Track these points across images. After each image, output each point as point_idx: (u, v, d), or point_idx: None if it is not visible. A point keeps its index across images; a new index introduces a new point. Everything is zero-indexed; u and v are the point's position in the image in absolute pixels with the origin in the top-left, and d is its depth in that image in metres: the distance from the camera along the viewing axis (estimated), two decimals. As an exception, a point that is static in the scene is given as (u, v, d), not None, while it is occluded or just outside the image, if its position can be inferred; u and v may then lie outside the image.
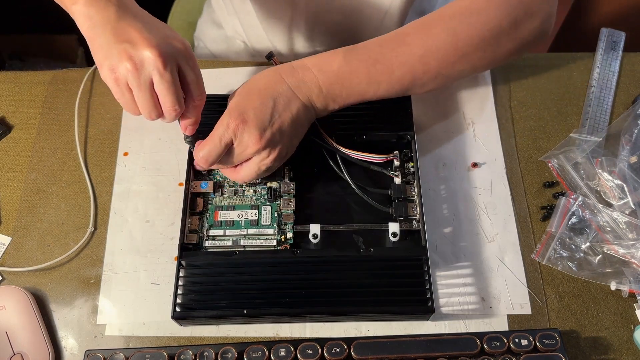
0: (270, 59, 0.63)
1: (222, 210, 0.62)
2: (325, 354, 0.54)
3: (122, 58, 0.49)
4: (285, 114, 0.56)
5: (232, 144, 0.55)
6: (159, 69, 0.49)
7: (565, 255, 0.61)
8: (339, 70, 0.57)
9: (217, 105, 0.66)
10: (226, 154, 0.56)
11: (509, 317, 0.58)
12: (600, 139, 0.67)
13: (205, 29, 0.91)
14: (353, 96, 0.58)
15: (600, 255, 0.61)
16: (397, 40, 0.58)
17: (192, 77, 0.52)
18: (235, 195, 0.63)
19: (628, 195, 0.62)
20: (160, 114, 0.52)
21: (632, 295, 0.59)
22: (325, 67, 0.57)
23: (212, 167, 0.59)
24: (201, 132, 0.57)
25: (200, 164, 0.57)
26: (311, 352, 0.54)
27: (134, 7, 0.52)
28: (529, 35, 0.60)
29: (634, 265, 0.60)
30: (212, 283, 0.57)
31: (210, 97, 0.67)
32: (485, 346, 0.54)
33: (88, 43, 0.51)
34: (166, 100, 0.51)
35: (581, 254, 0.61)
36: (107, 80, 0.51)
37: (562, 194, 0.64)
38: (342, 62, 0.57)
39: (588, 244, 0.61)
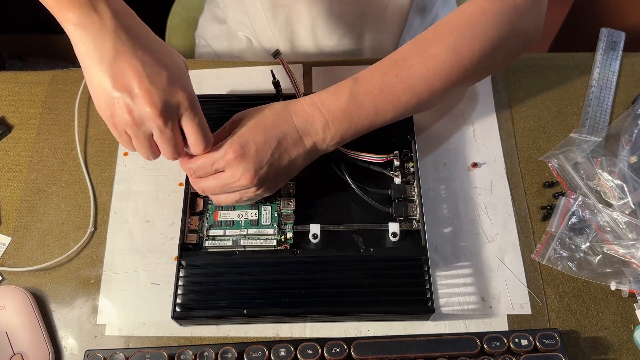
0: (276, 56, 0.63)
1: (222, 210, 0.62)
2: (325, 354, 0.54)
3: (122, 109, 0.47)
4: (285, 156, 0.55)
5: (225, 171, 0.54)
6: (159, 126, 0.48)
7: (565, 255, 0.61)
8: (347, 107, 0.56)
9: (218, 104, 0.66)
10: (214, 179, 0.55)
11: (509, 317, 0.58)
12: (600, 139, 0.67)
13: (206, 26, 0.91)
14: (361, 130, 0.58)
15: (600, 255, 0.61)
16: (399, 66, 0.57)
17: (193, 129, 0.50)
18: (235, 195, 0.63)
19: (628, 195, 0.62)
20: (157, 156, 0.52)
21: (632, 295, 0.59)
22: (333, 106, 0.56)
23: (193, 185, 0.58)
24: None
25: (185, 171, 0.56)
26: (311, 352, 0.54)
27: (132, 27, 0.47)
28: (526, 37, 0.60)
29: (634, 265, 0.60)
30: (212, 283, 0.57)
31: (211, 97, 0.67)
32: (485, 346, 0.54)
33: (82, 68, 0.47)
34: (166, 151, 0.51)
35: (581, 254, 0.61)
36: (103, 118, 0.49)
37: (562, 194, 0.64)
38: (349, 98, 0.56)
39: (588, 244, 0.61)
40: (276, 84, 0.65)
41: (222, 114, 0.65)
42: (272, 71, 0.65)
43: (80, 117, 0.70)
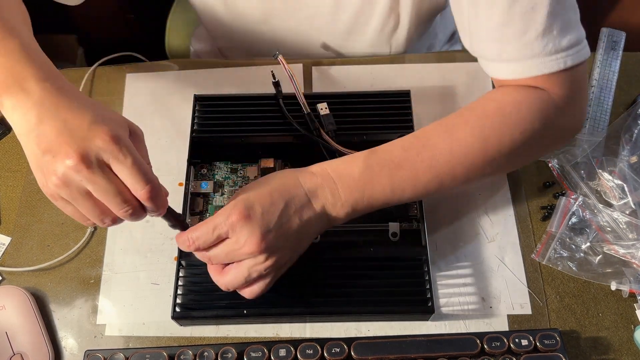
0: (276, 56, 0.63)
1: (222, 210, 0.62)
2: (325, 354, 0.54)
3: (48, 173, 0.43)
4: (294, 219, 0.50)
5: (226, 238, 0.49)
6: (86, 176, 0.42)
7: (565, 255, 0.61)
8: (360, 176, 0.52)
9: (218, 105, 0.66)
10: (218, 247, 0.50)
11: (509, 317, 0.58)
12: (600, 139, 0.66)
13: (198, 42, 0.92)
14: (376, 203, 0.53)
15: (600, 255, 0.61)
16: (421, 144, 0.53)
17: (126, 173, 0.43)
18: (235, 195, 0.63)
19: (628, 195, 0.62)
20: (114, 218, 0.45)
21: (632, 295, 0.59)
22: (345, 173, 0.52)
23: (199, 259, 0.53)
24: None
25: (184, 245, 0.50)
26: (311, 352, 0.54)
27: (60, 96, 0.44)
28: (563, 133, 0.57)
29: (634, 266, 0.60)
30: (212, 283, 0.57)
31: (211, 97, 0.67)
32: (485, 346, 0.54)
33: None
34: (111, 205, 0.44)
35: (581, 254, 0.61)
36: (44, 191, 0.45)
37: (562, 194, 0.64)
38: (362, 167, 0.52)
39: (588, 244, 0.61)
40: (276, 83, 0.65)
41: (222, 114, 0.65)
42: (272, 72, 0.65)
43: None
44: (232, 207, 0.48)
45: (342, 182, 0.52)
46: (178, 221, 0.51)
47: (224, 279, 0.51)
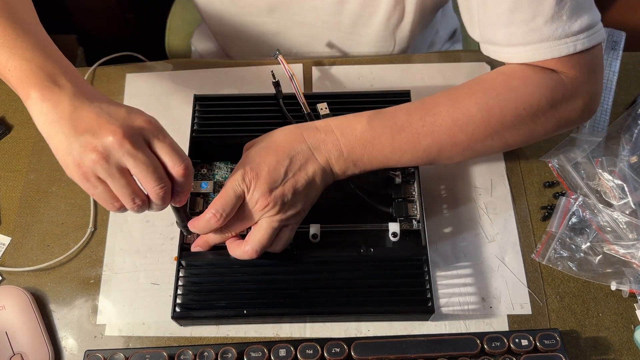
0: (276, 56, 0.63)
1: (222, 210, 0.62)
2: (325, 354, 0.54)
3: (86, 150, 0.44)
4: (299, 173, 0.53)
5: (245, 199, 0.52)
6: (128, 151, 0.44)
7: (565, 255, 0.61)
8: (362, 134, 0.54)
9: (218, 105, 0.66)
10: (235, 215, 0.52)
11: (509, 317, 0.58)
12: (600, 139, 0.66)
13: (200, 40, 0.92)
14: (375, 162, 0.56)
15: (600, 255, 0.61)
16: (425, 109, 0.55)
17: (166, 150, 0.47)
18: (235, 195, 0.63)
19: (628, 195, 0.62)
20: (144, 200, 0.47)
21: (632, 295, 0.59)
22: (348, 130, 0.55)
23: (217, 243, 0.56)
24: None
25: (211, 221, 0.52)
26: (311, 352, 0.54)
27: (89, 91, 0.47)
28: (570, 116, 0.57)
29: (634, 266, 0.60)
30: (212, 283, 0.57)
31: (211, 97, 0.67)
32: (485, 346, 0.54)
33: (46, 140, 0.46)
34: (148, 180, 0.46)
35: (581, 254, 0.61)
36: (75, 177, 0.46)
37: (562, 194, 0.64)
38: (366, 126, 0.54)
39: (588, 244, 0.61)
40: (276, 83, 0.65)
41: (222, 114, 0.65)
42: (272, 72, 0.65)
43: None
44: (242, 169, 0.52)
45: (344, 138, 0.54)
46: (186, 218, 0.54)
47: (249, 245, 0.53)
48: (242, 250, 0.54)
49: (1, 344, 0.56)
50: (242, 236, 0.56)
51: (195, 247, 0.57)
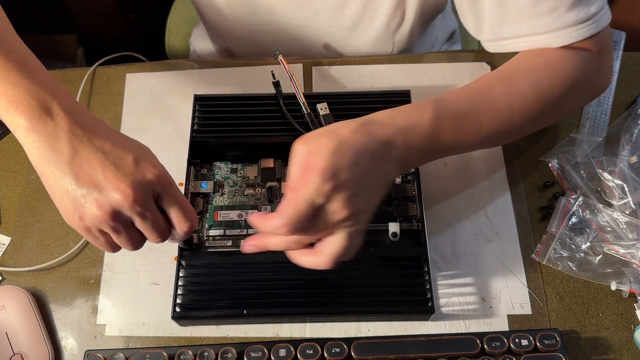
0: (276, 56, 0.63)
1: (222, 210, 0.62)
2: (325, 354, 0.54)
3: (91, 205, 0.42)
4: (376, 174, 0.48)
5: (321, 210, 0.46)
6: (138, 212, 0.43)
7: (565, 255, 0.61)
8: (430, 126, 0.51)
9: (218, 105, 0.66)
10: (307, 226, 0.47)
11: (509, 317, 0.58)
12: (600, 139, 0.66)
13: (198, 39, 0.92)
14: (439, 154, 0.54)
15: (600, 255, 0.61)
16: (482, 95, 0.54)
17: (174, 208, 0.46)
18: (235, 195, 0.63)
19: (628, 195, 0.62)
20: (142, 244, 0.48)
21: (632, 295, 0.59)
22: (415, 123, 0.51)
23: (277, 250, 0.51)
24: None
25: (279, 231, 0.46)
26: (311, 352, 0.54)
27: (85, 122, 0.43)
28: (598, 87, 0.60)
29: (634, 266, 0.59)
30: (212, 283, 0.57)
31: (211, 97, 0.67)
32: (485, 346, 0.54)
33: (41, 177, 0.44)
34: (152, 235, 0.46)
35: (581, 254, 0.61)
36: (74, 226, 0.44)
37: (562, 194, 0.64)
38: (432, 117, 0.51)
39: (588, 244, 0.61)
40: (276, 83, 0.65)
41: (222, 114, 0.65)
42: (272, 72, 0.65)
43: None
44: (319, 176, 0.45)
45: (413, 132, 0.50)
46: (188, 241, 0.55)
47: (324, 257, 0.48)
48: (314, 260, 0.49)
49: (1, 344, 0.56)
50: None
51: (247, 248, 0.52)
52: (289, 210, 0.45)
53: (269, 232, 0.48)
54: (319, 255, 0.48)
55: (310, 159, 0.46)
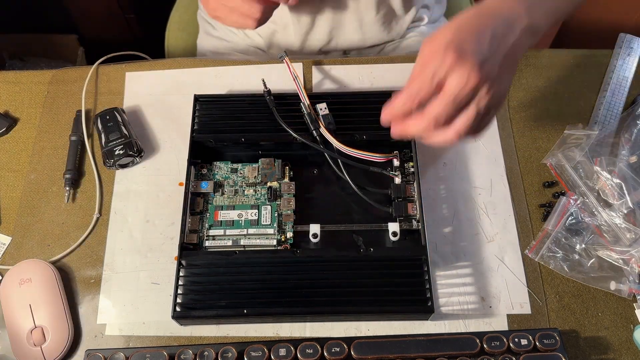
0: (282, 58, 0.64)
1: (222, 210, 0.62)
2: (325, 354, 0.54)
3: None
4: (502, 46, 0.49)
5: (450, 82, 0.47)
6: None
7: (559, 254, 0.61)
8: None
9: (217, 104, 0.66)
10: (442, 97, 0.47)
11: (509, 316, 0.58)
12: (596, 132, 0.66)
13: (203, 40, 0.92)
14: (555, 13, 0.55)
15: (593, 259, 0.61)
16: None
17: None
18: (235, 195, 0.63)
19: (627, 195, 0.62)
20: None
21: (632, 295, 0.59)
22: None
23: (417, 134, 0.50)
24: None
25: (403, 104, 0.48)
26: (311, 351, 0.54)
27: None
28: None
29: (634, 265, 0.60)
30: (212, 283, 0.57)
31: (211, 97, 0.67)
32: (485, 346, 0.54)
33: None
34: None
35: (575, 255, 0.61)
36: None
37: (562, 194, 0.64)
38: None
39: (583, 245, 0.61)
40: (268, 92, 0.66)
41: (222, 114, 0.66)
42: (262, 80, 0.66)
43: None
44: (442, 50, 0.47)
45: (526, 2, 0.51)
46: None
47: (452, 131, 0.49)
48: (444, 136, 0.49)
49: (24, 316, 0.57)
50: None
51: (394, 133, 0.52)
52: (412, 84, 0.47)
53: (398, 111, 0.49)
54: (448, 130, 0.49)
55: (433, 42, 0.48)
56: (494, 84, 0.48)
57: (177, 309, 0.56)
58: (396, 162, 0.63)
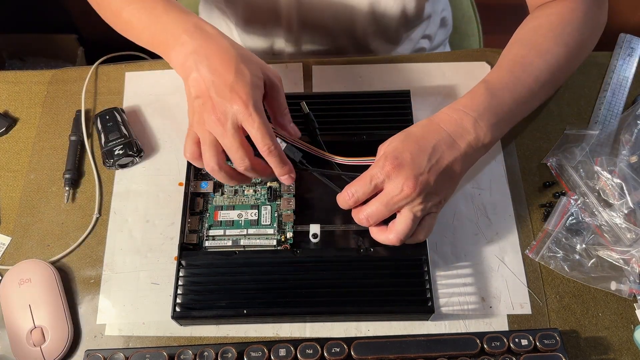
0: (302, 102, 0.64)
1: (222, 210, 0.62)
2: (325, 354, 0.54)
3: (197, 113, 0.53)
4: (442, 161, 0.53)
5: (382, 189, 0.53)
6: (220, 133, 0.52)
7: (559, 254, 0.61)
8: (489, 103, 0.56)
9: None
10: (376, 200, 0.53)
11: (509, 317, 0.58)
12: (597, 132, 0.66)
13: None
14: (508, 122, 0.58)
15: (594, 259, 0.61)
16: (521, 63, 0.59)
17: (252, 132, 0.52)
18: (235, 195, 0.63)
19: (627, 195, 0.62)
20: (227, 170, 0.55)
21: (632, 295, 0.59)
22: (474, 105, 0.56)
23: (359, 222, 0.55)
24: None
25: (344, 201, 0.55)
26: (311, 352, 0.54)
27: (204, 37, 0.54)
28: (601, 28, 0.65)
29: (635, 265, 0.59)
30: (212, 283, 0.57)
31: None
32: (485, 346, 0.54)
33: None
34: (234, 158, 0.53)
35: (575, 255, 0.61)
36: (193, 125, 0.54)
37: (563, 194, 0.64)
38: (487, 96, 0.56)
39: (583, 245, 0.61)
40: (307, 115, 0.64)
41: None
42: (301, 103, 0.65)
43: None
44: (383, 159, 0.53)
45: (476, 113, 0.55)
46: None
47: (392, 234, 0.54)
48: (385, 237, 0.55)
49: (24, 316, 0.57)
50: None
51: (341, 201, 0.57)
52: (353, 185, 0.54)
53: (341, 203, 0.55)
54: (389, 233, 0.54)
55: (381, 148, 0.55)
56: (430, 194, 0.53)
57: (177, 309, 0.56)
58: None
